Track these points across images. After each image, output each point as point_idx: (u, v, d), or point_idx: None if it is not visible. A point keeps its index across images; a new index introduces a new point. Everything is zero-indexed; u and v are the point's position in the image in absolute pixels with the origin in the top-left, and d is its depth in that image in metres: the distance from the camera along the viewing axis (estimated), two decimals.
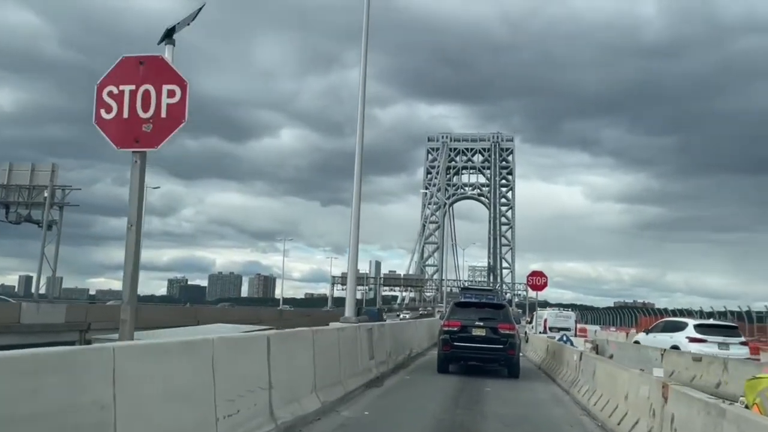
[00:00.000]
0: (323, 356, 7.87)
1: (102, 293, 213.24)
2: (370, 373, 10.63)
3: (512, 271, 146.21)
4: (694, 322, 17.92)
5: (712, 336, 16.42)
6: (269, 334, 6.18)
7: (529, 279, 25.20)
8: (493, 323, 13.57)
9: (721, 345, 16.17)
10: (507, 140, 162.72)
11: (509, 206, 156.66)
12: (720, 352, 15.60)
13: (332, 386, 8.14)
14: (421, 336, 20.44)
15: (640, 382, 6.41)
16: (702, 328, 17.17)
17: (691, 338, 16.54)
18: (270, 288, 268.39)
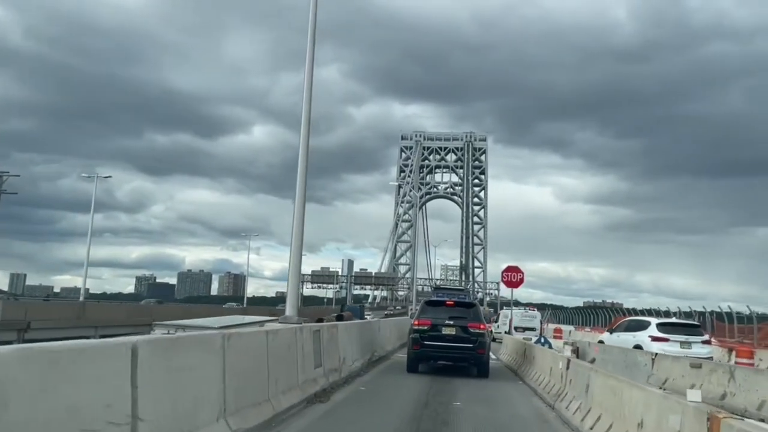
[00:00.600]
0: (241, 368, 5.94)
1: (67, 290, 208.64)
2: (314, 385, 8.70)
3: (484, 270, 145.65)
4: (657, 321, 17.86)
5: (674, 335, 16.36)
6: (136, 341, 4.20)
7: (504, 275, 23.11)
8: (464, 322, 13.59)
9: (683, 344, 16.16)
10: (480, 140, 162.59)
11: (482, 205, 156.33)
12: (682, 351, 15.50)
13: (254, 407, 6.21)
14: (386, 336, 18.70)
15: (667, 409, 4.61)
16: (664, 326, 17.09)
17: (654, 337, 16.52)
18: (240, 286, 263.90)
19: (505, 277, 23.00)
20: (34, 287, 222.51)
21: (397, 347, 19.88)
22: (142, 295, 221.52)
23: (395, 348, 19.54)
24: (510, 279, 22.76)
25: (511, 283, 22.74)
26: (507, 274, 22.95)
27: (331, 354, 10.21)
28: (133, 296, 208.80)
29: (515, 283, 22.77)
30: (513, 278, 22.77)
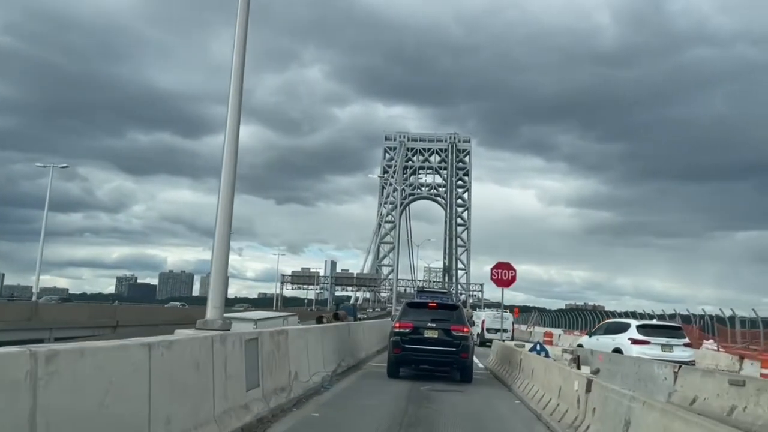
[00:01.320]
0: (78, 411, 3.54)
1: (46, 291, 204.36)
2: (244, 414, 6.32)
3: (467, 272, 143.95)
4: (637, 323, 17.30)
5: (655, 337, 15.91)
6: None
7: (494, 272, 19.94)
8: (446, 325, 13.19)
9: (665, 347, 15.74)
10: (464, 141, 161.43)
11: (465, 207, 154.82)
12: (663, 354, 15.04)
13: None
14: (361, 341, 16.56)
15: None
16: (645, 329, 16.57)
17: (634, 340, 16.05)
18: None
19: (495, 274, 19.92)
20: (12, 287, 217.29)
21: (373, 353, 17.75)
22: (122, 296, 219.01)
23: (371, 354, 17.38)
24: (500, 277, 19.83)
25: (502, 281, 19.83)
26: (497, 272, 19.92)
27: (277, 369, 7.84)
28: (113, 297, 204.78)
29: (506, 281, 19.90)
30: (504, 276, 19.85)
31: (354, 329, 16.37)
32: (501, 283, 20.02)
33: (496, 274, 19.91)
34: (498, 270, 19.98)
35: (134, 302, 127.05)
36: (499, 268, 20.00)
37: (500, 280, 19.86)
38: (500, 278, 19.86)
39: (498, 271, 19.96)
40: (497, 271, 19.93)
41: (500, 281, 19.92)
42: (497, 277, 19.85)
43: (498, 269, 19.97)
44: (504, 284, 20.04)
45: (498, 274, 19.90)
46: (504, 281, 19.92)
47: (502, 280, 19.88)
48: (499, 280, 19.89)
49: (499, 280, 19.87)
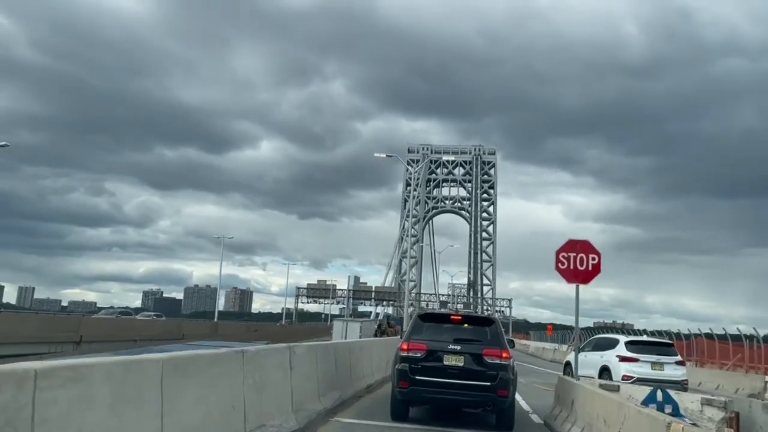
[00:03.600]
0: None
1: (75, 305, 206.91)
2: None
3: (493, 287, 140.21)
4: (626, 339, 16.73)
5: (644, 354, 15.34)
6: None
7: (562, 258, 11.98)
8: (477, 347, 9.50)
9: (655, 365, 15.25)
10: (489, 153, 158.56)
11: (491, 221, 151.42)
12: (653, 372, 14.66)
13: None
14: (363, 364, 13.69)
15: None
16: (634, 345, 16.08)
17: (622, 357, 15.56)
18: (247, 301, 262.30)
19: (563, 261, 11.93)
20: (42, 301, 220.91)
21: (382, 379, 14.79)
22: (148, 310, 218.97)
23: (378, 381, 14.49)
24: (572, 266, 11.85)
25: (577, 272, 11.88)
26: (566, 257, 11.91)
27: None
28: (138, 310, 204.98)
29: (583, 274, 11.92)
30: (577, 264, 11.84)
31: (358, 349, 13.39)
32: (576, 278, 11.92)
33: (564, 261, 11.89)
34: (567, 254, 11.91)
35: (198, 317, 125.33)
36: (569, 251, 11.94)
37: (572, 271, 11.88)
38: (572, 267, 11.85)
39: (567, 256, 11.88)
40: (566, 257, 11.90)
41: (574, 273, 11.88)
42: (567, 266, 11.86)
43: (567, 252, 11.92)
44: (579, 278, 11.94)
45: (567, 261, 11.86)
46: (579, 274, 11.89)
47: (576, 271, 11.87)
48: (572, 272, 11.89)
49: (571, 271, 11.88)
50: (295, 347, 7.65)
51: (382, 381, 14.60)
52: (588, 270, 11.93)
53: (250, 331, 41.87)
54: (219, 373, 5.48)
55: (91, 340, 21.86)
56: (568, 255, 11.96)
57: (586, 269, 11.89)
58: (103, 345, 21.82)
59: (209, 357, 5.19)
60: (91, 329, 23.40)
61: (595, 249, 12.04)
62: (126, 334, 24.78)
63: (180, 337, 27.97)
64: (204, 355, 5.10)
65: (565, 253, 11.98)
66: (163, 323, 36.98)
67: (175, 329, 30.20)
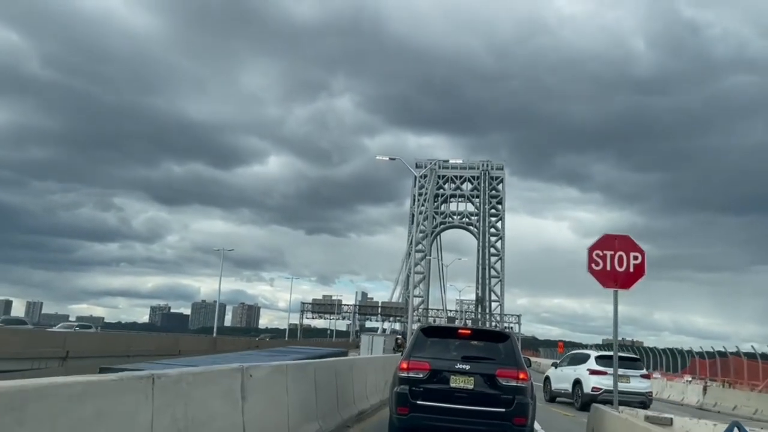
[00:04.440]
0: None
1: (83, 320, 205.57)
2: None
3: (501, 303, 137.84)
4: (596, 354, 18.13)
5: (612, 368, 14.59)
6: None
7: (595, 257, 9.73)
8: (489, 366, 8.28)
9: (622, 377, 15.55)
10: (497, 169, 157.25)
11: (499, 236, 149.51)
12: (620, 385, 14.62)
13: None
14: (359, 384, 12.14)
15: None
16: (603, 359, 17.10)
17: (592, 370, 16.73)
18: (254, 317, 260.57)
19: (598, 260, 9.69)
20: (50, 316, 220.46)
21: (376, 405, 12.94)
22: (156, 326, 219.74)
23: (376, 405, 12.77)
24: (610, 266, 9.67)
25: (615, 275, 9.65)
26: (602, 255, 9.69)
27: None
28: (148, 326, 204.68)
29: (623, 276, 9.66)
30: (618, 264, 9.68)
31: (347, 369, 11.27)
32: (611, 281, 9.64)
33: (599, 261, 9.65)
34: (602, 253, 9.68)
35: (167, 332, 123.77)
36: (604, 248, 9.70)
37: (608, 273, 9.63)
38: (608, 270, 9.63)
39: (603, 254, 9.67)
40: (601, 255, 9.67)
41: (609, 276, 9.64)
42: (602, 267, 9.64)
43: (603, 249, 9.71)
44: (618, 282, 9.63)
45: (603, 261, 9.65)
46: (618, 276, 9.61)
47: (613, 274, 9.62)
48: (607, 275, 9.64)
49: (607, 273, 9.64)
50: (251, 369, 5.96)
51: (379, 405, 12.87)
52: (629, 272, 9.64)
53: (251, 346, 40.43)
54: (99, 412, 3.54)
55: (78, 356, 20.40)
56: (603, 253, 9.69)
57: (627, 271, 9.63)
58: (91, 361, 20.32)
59: (82, 386, 3.32)
60: (79, 345, 21.90)
61: (637, 246, 9.80)
62: (117, 350, 23.32)
63: (176, 353, 26.71)
64: (69, 384, 3.25)
65: (599, 251, 9.72)
66: (160, 338, 35.37)
67: (171, 345, 28.72)
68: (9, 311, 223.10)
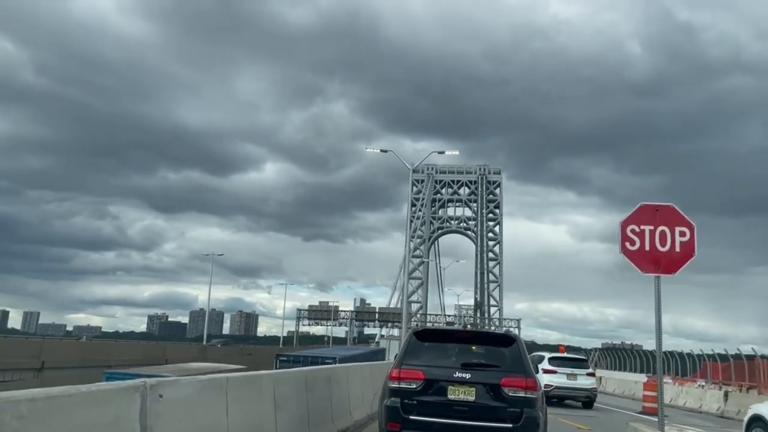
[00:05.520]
0: None
1: (80, 329, 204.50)
2: None
3: (500, 308, 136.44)
4: (549, 355, 19.96)
5: (562, 368, 18.15)
6: None
7: (631, 234, 7.82)
8: (493, 375, 7.30)
9: (570, 376, 18.63)
10: (494, 173, 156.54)
11: (497, 241, 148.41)
12: (568, 382, 17.78)
13: None
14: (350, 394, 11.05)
15: None
16: (554, 360, 19.10)
17: (545, 370, 18.33)
18: (252, 325, 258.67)
19: (633, 238, 7.85)
20: (47, 326, 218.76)
21: (362, 420, 11.55)
22: (154, 335, 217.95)
23: (358, 422, 11.23)
24: (650, 245, 7.83)
25: (656, 256, 7.80)
26: (638, 232, 7.88)
27: None
28: (145, 335, 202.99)
29: (667, 257, 7.79)
30: (660, 242, 7.82)
31: (322, 380, 9.53)
32: (651, 263, 7.80)
33: (634, 238, 7.80)
34: (639, 228, 7.84)
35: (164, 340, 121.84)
36: (641, 221, 7.85)
37: (647, 254, 7.78)
38: (647, 250, 7.78)
39: (640, 230, 7.82)
40: (637, 232, 7.82)
41: (648, 258, 7.79)
42: (639, 246, 7.80)
43: (639, 224, 7.84)
44: (661, 265, 7.76)
45: (640, 238, 7.81)
46: (660, 258, 7.75)
47: (653, 255, 7.77)
48: (646, 256, 7.80)
49: (645, 254, 7.80)
50: (160, 386, 4.41)
51: (366, 421, 11.29)
52: (674, 252, 7.62)
53: (243, 354, 38.84)
54: None
55: (55, 366, 18.95)
56: (640, 229, 7.75)
57: (671, 251, 7.62)
58: (69, 372, 18.74)
59: None
60: (56, 354, 20.42)
61: (684, 218, 7.77)
62: (98, 359, 21.89)
63: (163, 362, 25.33)
64: None
65: (635, 226, 7.76)
66: (142, 346, 33.87)
67: (158, 353, 27.23)
68: (6, 321, 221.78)
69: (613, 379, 31.37)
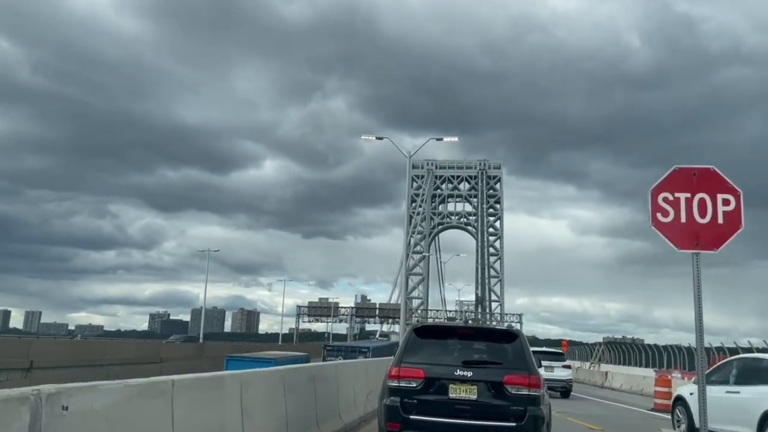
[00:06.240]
0: None
1: (82, 328, 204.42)
2: None
3: (501, 303, 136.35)
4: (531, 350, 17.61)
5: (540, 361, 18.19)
6: None
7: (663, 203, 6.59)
8: (496, 372, 7.20)
9: (547, 368, 19.66)
10: (494, 168, 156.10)
11: (497, 236, 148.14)
12: (545, 374, 17.06)
13: None
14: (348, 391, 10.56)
15: None
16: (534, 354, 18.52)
17: None
18: (253, 323, 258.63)
19: (665, 209, 6.60)
20: (49, 325, 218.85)
21: (372, 412, 11.30)
22: (155, 333, 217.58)
23: (355, 421, 10.93)
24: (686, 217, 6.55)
25: (694, 229, 6.51)
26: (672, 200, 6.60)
27: None
28: (146, 333, 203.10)
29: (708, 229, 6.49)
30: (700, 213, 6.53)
31: (305, 380, 8.61)
32: (688, 238, 6.51)
33: (667, 209, 6.62)
34: (673, 196, 6.60)
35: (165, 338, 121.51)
36: (676, 188, 6.63)
37: (683, 227, 6.53)
38: (683, 222, 6.53)
39: (674, 199, 6.60)
40: (671, 200, 6.62)
41: (684, 232, 6.53)
42: (673, 218, 6.59)
43: (673, 191, 6.63)
44: (700, 240, 6.47)
45: (675, 208, 6.60)
46: (699, 231, 6.49)
47: (690, 229, 6.52)
48: (682, 229, 6.54)
49: (682, 228, 6.53)
50: (64, 394, 3.31)
51: (359, 423, 10.80)
52: (716, 224, 6.44)
53: (240, 352, 38.58)
54: None
55: (44, 366, 18.64)
56: (674, 197, 6.55)
57: (713, 223, 6.42)
58: (59, 371, 18.42)
59: None
60: (45, 354, 20.06)
61: (727, 183, 6.58)
62: (90, 358, 21.57)
63: (158, 360, 24.96)
64: None
65: (668, 194, 6.60)
66: (137, 345, 33.58)
67: (152, 352, 27.00)
68: (8, 321, 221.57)
69: (620, 374, 30.83)
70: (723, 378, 10.68)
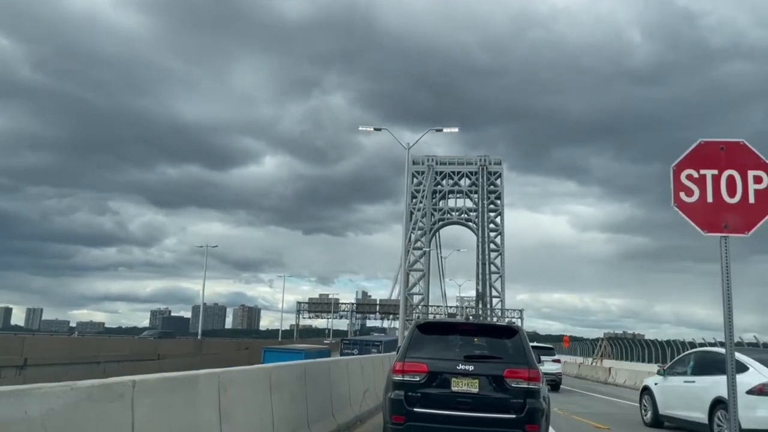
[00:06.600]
0: None
1: (83, 325, 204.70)
2: None
3: (502, 299, 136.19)
4: None
5: None
6: None
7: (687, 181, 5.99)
8: (497, 366, 7.46)
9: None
10: (495, 164, 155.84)
11: (498, 232, 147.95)
12: None
13: None
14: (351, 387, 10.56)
15: None
16: None
17: None
18: (254, 319, 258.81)
19: (689, 188, 5.96)
20: (50, 322, 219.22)
21: (368, 411, 11.35)
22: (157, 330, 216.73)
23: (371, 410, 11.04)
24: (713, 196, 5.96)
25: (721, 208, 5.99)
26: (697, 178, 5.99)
27: None
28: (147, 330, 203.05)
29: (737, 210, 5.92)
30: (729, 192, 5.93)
31: (295, 379, 8.11)
32: (714, 219, 5.93)
33: (691, 187, 5.96)
34: (698, 173, 5.97)
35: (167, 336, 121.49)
36: (700, 165, 5.98)
37: (709, 207, 5.94)
38: (709, 202, 5.91)
39: (699, 176, 5.96)
40: (696, 178, 5.96)
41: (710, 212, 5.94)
42: (698, 198, 5.97)
43: (698, 168, 5.97)
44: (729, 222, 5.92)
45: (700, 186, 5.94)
46: (726, 211, 5.91)
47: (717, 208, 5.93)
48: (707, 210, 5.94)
49: (707, 208, 5.94)
50: None
51: (354, 422, 10.54)
52: (747, 203, 5.81)
53: (240, 349, 38.22)
54: None
55: (39, 363, 18.29)
56: (700, 174, 5.90)
57: (744, 202, 5.79)
58: (55, 369, 18.05)
59: None
60: (40, 350, 19.68)
61: (760, 159, 5.92)
62: (86, 356, 21.21)
63: (155, 357, 24.51)
64: None
65: (692, 171, 5.93)
66: (134, 342, 33.20)
67: (150, 349, 26.62)
68: (9, 318, 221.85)
69: (623, 370, 30.42)
70: (682, 369, 12.04)
